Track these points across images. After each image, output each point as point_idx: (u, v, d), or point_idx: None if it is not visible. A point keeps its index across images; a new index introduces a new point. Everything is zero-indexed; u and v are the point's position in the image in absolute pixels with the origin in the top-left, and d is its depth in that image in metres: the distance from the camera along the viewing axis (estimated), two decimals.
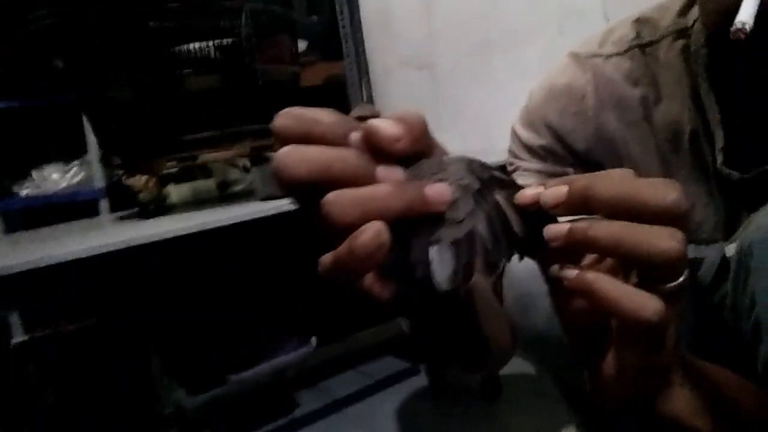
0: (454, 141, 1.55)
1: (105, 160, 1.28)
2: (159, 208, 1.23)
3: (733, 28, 0.42)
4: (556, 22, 1.28)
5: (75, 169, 1.53)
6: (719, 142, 0.57)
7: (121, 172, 1.18)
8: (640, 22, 0.64)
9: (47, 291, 0.91)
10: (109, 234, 0.98)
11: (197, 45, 1.25)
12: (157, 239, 0.85)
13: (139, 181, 1.13)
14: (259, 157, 1.23)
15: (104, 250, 0.84)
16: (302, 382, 1.47)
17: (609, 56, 0.65)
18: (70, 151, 1.55)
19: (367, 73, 1.88)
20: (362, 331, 1.36)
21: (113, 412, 1.13)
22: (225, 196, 1.50)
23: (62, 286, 0.91)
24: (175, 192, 1.56)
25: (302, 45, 1.77)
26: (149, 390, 1.12)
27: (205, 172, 1.62)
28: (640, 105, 0.63)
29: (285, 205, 1.02)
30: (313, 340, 1.33)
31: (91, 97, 1.21)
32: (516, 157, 0.74)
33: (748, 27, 0.41)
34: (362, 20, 1.85)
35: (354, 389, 1.53)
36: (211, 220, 0.94)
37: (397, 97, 1.85)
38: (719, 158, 0.57)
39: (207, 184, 1.61)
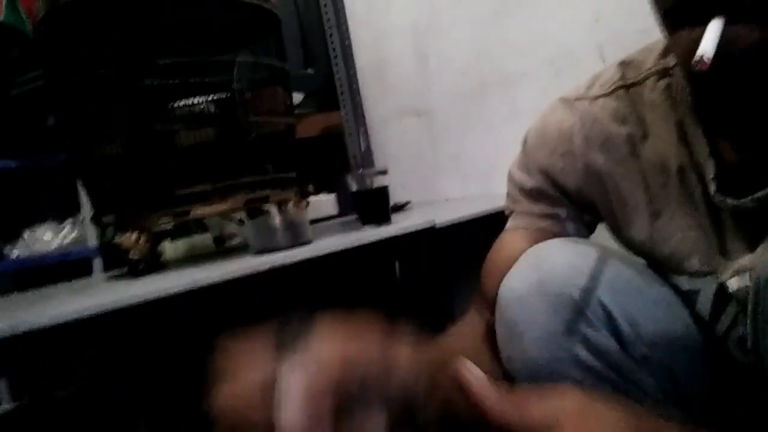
0: (454, 186, 1.52)
1: (96, 219, 1.24)
2: (151, 265, 1.18)
3: (694, 60, 0.42)
4: (551, 65, 1.27)
5: (67, 228, 1.50)
6: (710, 172, 0.56)
7: (111, 230, 1.15)
8: (624, 64, 0.66)
9: (34, 356, 0.86)
10: (94, 296, 0.93)
11: (191, 101, 1.24)
12: (139, 300, 0.81)
13: (128, 239, 1.09)
14: (253, 210, 1.19)
15: (87, 313, 0.80)
16: None
17: (596, 98, 0.66)
18: (63, 211, 1.53)
19: (364, 122, 1.87)
20: None
21: None
22: (222, 251, 1.46)
23: (49, 350, 0.87)
24: (171, 248, 1.52)
25: (299, 97, 1.77)
26: None
27: (200, 226, 1.59)
28: (627, 142, 0.64)
29: (280, 259, 0.98)
30: None
31: (82, 155, 1.19)
32: (513, 200, 0.75)
33: (707, 58, 0.42)
34: (358, 71, 1.86)
35: None
36: (201, 278, 0.90)
37: (394, 145, 1.84)
38: (712, 187, 0.56)
39: (203, 239, 1.58)
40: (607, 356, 0.57)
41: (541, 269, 0.60)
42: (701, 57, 0.42)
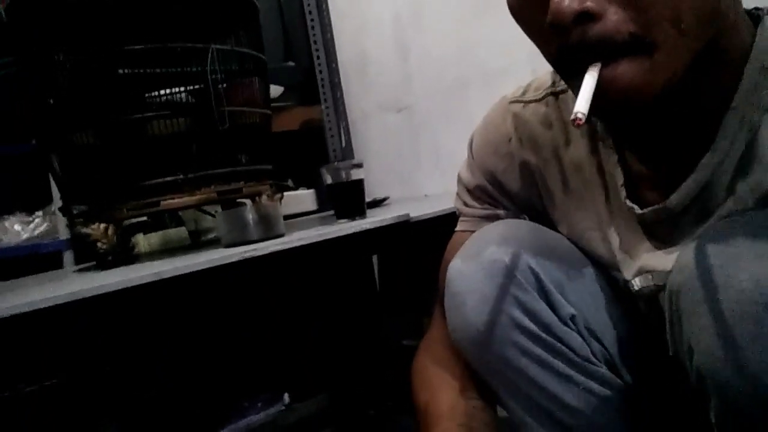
0: (433, 182, 1.50)
1: (65, 210, 1.21)
2: (122, 257, 1.16)
3: (571, 118, 0.44)
4: (529, 62, 1.26)
5: (38, 220, 1.47)
6: (620, 180, 0.61)
7: (80, 221, 1.12)
8: (555, 75, 0.70)
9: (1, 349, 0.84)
10: (51, 288, 0.91)
11: (165, 90, 1.22)
12: (101, 292, 0.79)
13: (96, 230, 1.06)
14: (226, 202, 1.17)
15: (46, 305, 0.77)
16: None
17: (529, 102, 0.72)
18: (33, 202, 1.49)
19: (345, 117, 1.85)
20: (339, 384, 1.28)
21: None
22: (197, 244, 1.44)
23: (16, 343, 0.84)
24: (144, 242, 1.50)
25: (279, 90, 1.75)
26: None
27: (176, 220, 1.56)
28: (551, 145, 0.69)
29: (249, 251, 0.96)
30: (286, 396, 1.25)
31: (51, 144, 1.17)
32: (461, 201, 0.79)
33: (581, 115, 0.44)
34: (339, 65, 1.85)
35: None
36: (166, 269, 0.87)
37: (375, 141, 1.83)
38: (622, 194, 0.60)
39: (178, 233, 1.55)
40: (538, 316, 0.61)
41: (478, 244, 0.65)
42: (576, 115, 0.44)
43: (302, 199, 1.70)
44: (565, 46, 0.49)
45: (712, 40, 0.49)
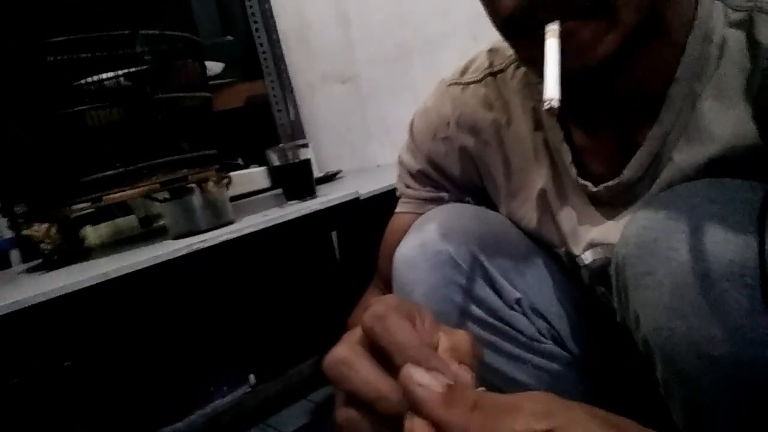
0: (385, 153, 1.49)
1: (5, 210, 1.17)
2: (69, 254, 1.13)
3: (543, 107, 0.43)
4: (468, 27, 1.26)
5: None
6: (567, 157, 0.61)
7: (22, 221, 1.09)
8: (492, 51, 0.70)
9: None
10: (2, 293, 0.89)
11: (96, 78, 1.17)
12: (45, 299, 0.78)
13: (39, 230, 1.04)
14: (172, 192, 1.15)
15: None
16: (247, 421, 1.39)
17: (468, 84, 0.71)
18: None
19: (291, 90, 1.82)
20: (304, 361, 1.29)
21: None
22: (148, 232, 1.42)
23: None
24: (94, 234, 1.46)
25: (218, 67, 1.70)
26: None
27: (124, 208, 1.53)
28: (492, 127, 0.69)
29: (197, 242, 0.95)
30: (251, 377, 1.26)
31: None
32: (403, 183, 0.79)
33: (556, 103, 0.42)
34: (280, 37, 1.80)
35: (304, 421, 1.46)
36: (113, 269, 0.86)
37: (324, 113, 1.80)
38: (572, 171, 0.60)
39: (127, 222, 1.52)
40: (485, 302, 0.64)
41: (423, 233, 0.66)
42: (549, 103, 0.43)
43: (253, 177, 1.68)
44: (520, 4, 0.47)
45: (653, 11, 0.48)
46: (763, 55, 0.48)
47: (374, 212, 1.12)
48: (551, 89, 0.43)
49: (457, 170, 0.74)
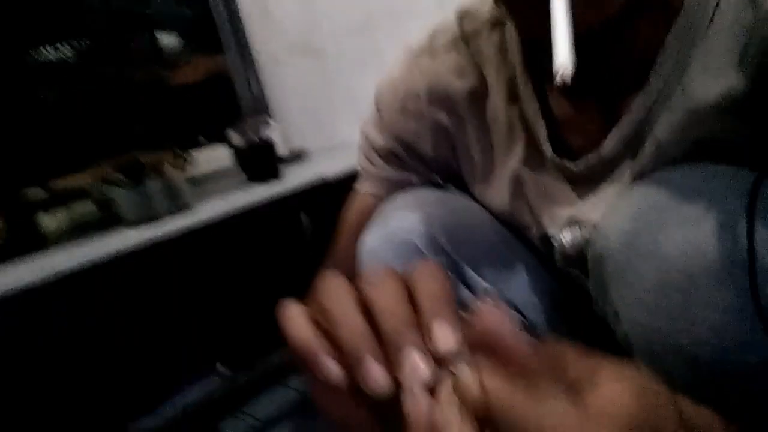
0: (352, 129, 1.43)
1: None
2: (21, 246, 1.07)
3: (556, 79, 0.38)
4: None
5: None
6: (542, 133, 0.56)
7: None
8: (462, 14, 0.63)
9: None
10: None
11: (40, 54, 1.09)
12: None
13: None
14: (128, 175, 1.09)
15: None
16: (220, 411, 1.36)
17: (437, 51, 0.64)
18: None
19: (253, 64, 1.74)
20: (276, 350, 1.26)
21: None
22: (107, 217, 1.35)
23: None
24: (49, 221, 1.39)
25: (176, 41, 1.61)
26: None
27: (80, 192, 1.46)
28: (467, 98, 0.62)
29: (154, 234, 0.90)
30: (221, 367, 1.22)
31: None
32: (367, 159, 0.72)
33: (569, 72, 0.37)
34: (240, 8, 1.71)
35: (281, 407, 1.43)
36: (64, 268, 0.81)
37: (288, 88, 1.74)
38: (547, 149, 0.56)
39: (84, 207, 1.45)
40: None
41: (388, 222, 0.62)
42: (561, 75, 0.38)
43: (215, 156, 1.61)
44: None
45: None
46: (760, 20, 0.44)
47: (343, 195, 1.08)
48: (563, 56, 0.38)
49: (428, 149, 0.67)
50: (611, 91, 0.51)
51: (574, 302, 0.65)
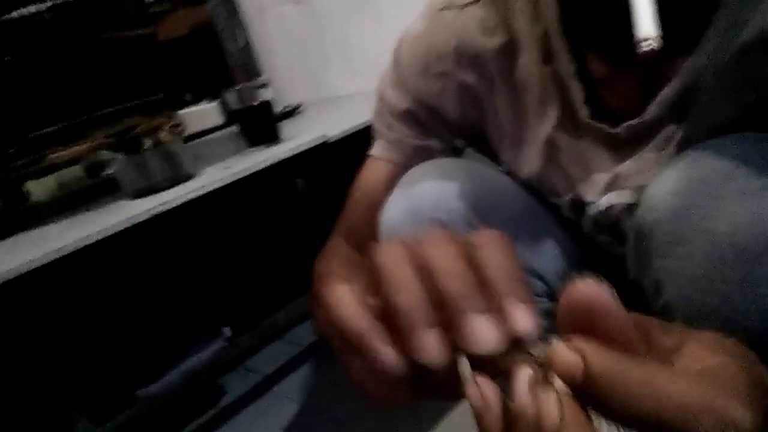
0: (345, 81, 1.39)
1: None
2: (13, 219, 1.04)
3: (641, 49, 0.36)
4: None
5: None
6: (578, 96, 0.53)
7: None
8: None
9: None
10: None
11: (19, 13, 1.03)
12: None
13: None
14: (122, 145, 1.05)
15: None
16: (225, 366, 1.37)
17: (464, 6, 0.59)
18: None
19: (238, 15, 1.67)
20: (279, 309, 1.27)
21: None
22: (97, 184, 1.31)
23: None
24: (38, 189, 1.35)
25: None
26: (46, 430, 0.99)
27: (68, 159, 1.41)
28: (496, 57, 0.58)
29: (158, 206, 0.87)
30: (226, 330, 1.23)
31: None
32: (383, 122, 0.68)
33: (656, 42, 0.35)
34: None
35: (282, 361, 1.45)
36: (69, 243, 0.79)
37: (276, 39, 1.67)
38: (583, 111, 0.53)
39: (73, 173, 1.41)
40: None
41: (413, 197, 0.60)
42: (646, 43, 0.35)
43: (206, 114, 1.56)
44: None
45: None
46: None
47: (342, 155, 1.06)
48: (647, 25, 0.35)
49: (454, 112, 0.64)
50: (657, 53, 0.48)
51: (599, 269, 0.64)
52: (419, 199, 0.59)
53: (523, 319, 0.24)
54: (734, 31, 0.44)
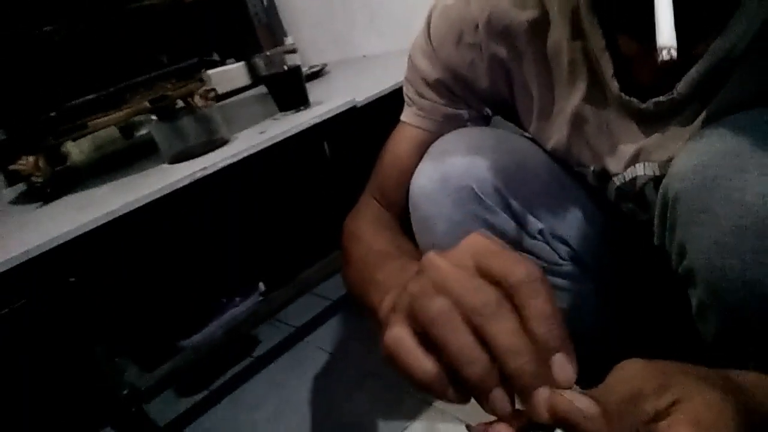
0: (370, 42, 1.41)
1: None
2: (59, 183, 1.10)
3: (661, 58, 0.37)
4: None
5: None
6: (608, 69, 0.54)
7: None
8: None
9: None
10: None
11: None
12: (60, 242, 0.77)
13: (25, 163, 0.99)
14: (159, 111, 1.09)
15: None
16: (260, 319, 1.45)
17: None
18: None
19: None
20: (310, 266, 1.33)
21: (60, 404, 1.09)
22: (133, 145, 1.37)
23: None
24: (75, 150, 1.41)
25: None
26: (98, 375, 1.08)
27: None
28: (527, 31, 0.60)
29: (201, 170, 0.92)
30: (261, 285, 1.30)
31: None
32: (414, 90, 0.69)
33: (674, 51, 0.36)
34: None
35: (311, 314, 1.52)
36: (118, 207, 0.84)
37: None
38: (613, 85, 0.55)
39: (109, 134, 1.46)
40: (507, 235, 0.63)
41: (443, 165, 0.62)
42: (668, 52, 0.37)
43: (233, 74, 1.59)
44: None
45: None
46: None
47: (370, 119, 1.09)
48: (667, 34, 0.36)
49: (484, 82, 0.65)
50: (687, 28, 0.46)
51: (623, 236, 0.68)
52: (449, 168, 0.62)
53: (565, 375, 0.29)
54: (761, 12, 0.45)
